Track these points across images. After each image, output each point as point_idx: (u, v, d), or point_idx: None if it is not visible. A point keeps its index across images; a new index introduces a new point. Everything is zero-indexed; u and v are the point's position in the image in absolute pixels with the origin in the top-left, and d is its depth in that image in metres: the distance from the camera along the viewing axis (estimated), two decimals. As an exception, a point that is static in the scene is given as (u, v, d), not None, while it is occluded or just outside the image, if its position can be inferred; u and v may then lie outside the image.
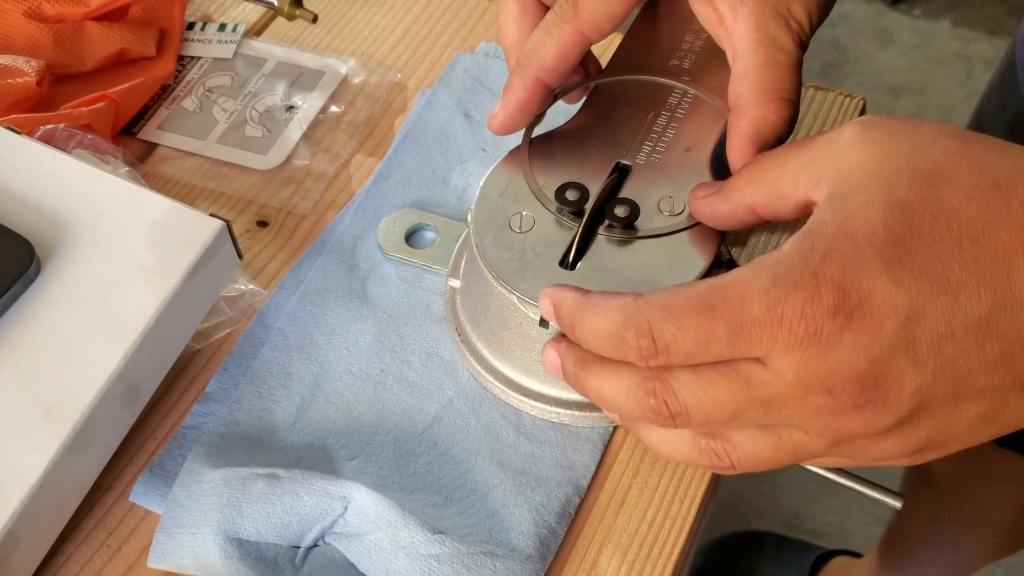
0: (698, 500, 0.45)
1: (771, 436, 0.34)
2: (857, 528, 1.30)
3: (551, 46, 0.42)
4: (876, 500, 0.40)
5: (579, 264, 0.42)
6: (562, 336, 0.39)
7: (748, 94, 0.39)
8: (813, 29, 0.41)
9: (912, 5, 1.92)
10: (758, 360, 0.32)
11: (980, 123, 0.79)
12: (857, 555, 1.17)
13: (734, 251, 0.51)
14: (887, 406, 0.31)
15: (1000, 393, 0.31)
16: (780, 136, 0.39)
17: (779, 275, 0.31)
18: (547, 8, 0.44)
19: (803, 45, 0.40)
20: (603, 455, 0.46)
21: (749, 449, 0.35)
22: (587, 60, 0.48)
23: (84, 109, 0.55)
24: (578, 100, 0.48)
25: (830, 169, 0.34)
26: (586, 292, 0.37)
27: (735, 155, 0.40)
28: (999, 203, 0.31)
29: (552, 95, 0.45)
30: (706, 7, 0.41)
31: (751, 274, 0.32)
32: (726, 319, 0.32)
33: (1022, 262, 0.30)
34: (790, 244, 0.32)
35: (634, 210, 0.43)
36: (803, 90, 0.46)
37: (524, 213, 0.44)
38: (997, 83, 0.76)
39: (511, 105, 0.43)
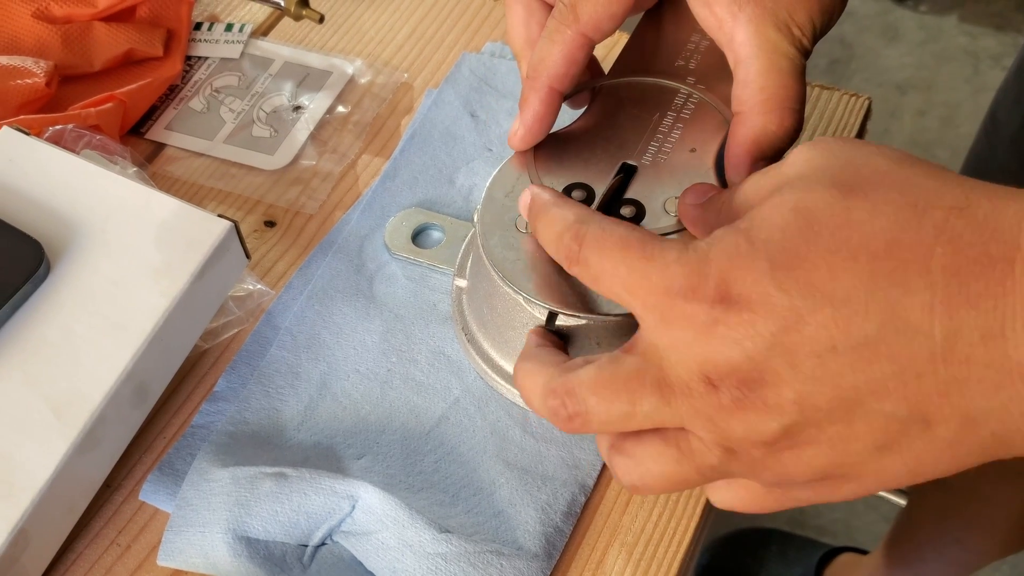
0: (704, 499, 0.45)
1: (671, 449, 0.34)
2: (863, 525, 1.29)
3: (557, 53, 0.43)
4: (882, 497, 0.41)
5: (585, 264, 0.42)
6: (540, 328, 0.41)
7: (751, 101, 0.39)
8: (817, 36, 0.41)
9: (919, 1, 1.91)
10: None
11: (995, 117, 0.78)
12: (863, 552, 1.17)
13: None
14: (767, 409, 0.31)
15: (898, 422, 0.30)
16: (779, 148, 0.39)
17: (681, 254, 0.32)
18: (551, 8, 0.44)
19: (805, 52, 0.40)
20: (609, 454, 0.46)
21: (651, 465, 0.35)
22: (590, 64, 0.48)
23: (92, 110, 0.55)
24: (583, 104, 0.48)
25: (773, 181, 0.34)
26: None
27: (731, 164, 0.40)
28: (909, 222, 0.30)
29: (563, 99, 0.45)
30: (704, 10, 0.41)
31: (670, 246, 0.33)
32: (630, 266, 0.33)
33: (922, 285, 0.29)
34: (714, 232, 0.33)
35: (640, 210, 0.43)
36: (808, 89, 0.46)
37: (530, 213, 0.44)
38: (1013, 77, 0.76)
39: (529, 120, 0.44)
